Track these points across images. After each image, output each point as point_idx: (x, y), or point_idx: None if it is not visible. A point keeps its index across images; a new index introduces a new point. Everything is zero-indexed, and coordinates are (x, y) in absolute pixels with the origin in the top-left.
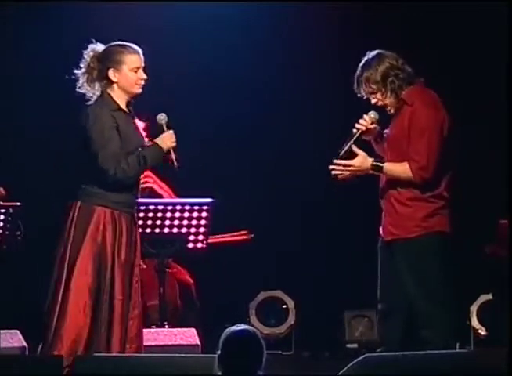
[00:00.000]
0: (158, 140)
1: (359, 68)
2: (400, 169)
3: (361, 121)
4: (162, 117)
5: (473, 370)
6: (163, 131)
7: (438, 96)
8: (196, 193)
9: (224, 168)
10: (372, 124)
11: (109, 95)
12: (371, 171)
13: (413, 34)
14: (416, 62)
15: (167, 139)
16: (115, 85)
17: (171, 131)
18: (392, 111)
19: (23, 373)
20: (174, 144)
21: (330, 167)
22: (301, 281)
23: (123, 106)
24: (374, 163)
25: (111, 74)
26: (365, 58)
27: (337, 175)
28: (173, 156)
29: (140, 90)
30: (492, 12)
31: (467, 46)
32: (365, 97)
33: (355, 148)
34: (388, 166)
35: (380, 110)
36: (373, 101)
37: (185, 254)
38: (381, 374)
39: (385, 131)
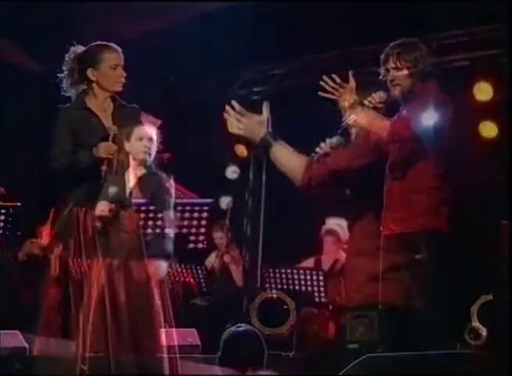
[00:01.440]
0: (94, 148)
1: (395, 44)
2: (379, 119)
3: (369, 98)
4: (112, 129)
5: (473, 371)
6: (107, 140)
7: (447, 98)
8: (196, 193)
9: (224, 167)
10: (379, 103)
11: (81, 96)
12: (352, 107)
13: (413, 34)
14: None
15: (103, 148)
16: (94, 85)
17: (110, 143)
18: (397, 93)
19: (23, 373)
20: (109, 156)
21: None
22: (301, 281)
23: (96, 105)
24: (363, 101)
25: (90, 73)
26: (403, 39)
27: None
28: (105, 167)
29: (121, 88)
30: (491, 12)
31: (467, 46)
32: (381, 76)
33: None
34: (370, 111)
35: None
36: (391, 77)
37: (185, 254)
38: (381, 374)
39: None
